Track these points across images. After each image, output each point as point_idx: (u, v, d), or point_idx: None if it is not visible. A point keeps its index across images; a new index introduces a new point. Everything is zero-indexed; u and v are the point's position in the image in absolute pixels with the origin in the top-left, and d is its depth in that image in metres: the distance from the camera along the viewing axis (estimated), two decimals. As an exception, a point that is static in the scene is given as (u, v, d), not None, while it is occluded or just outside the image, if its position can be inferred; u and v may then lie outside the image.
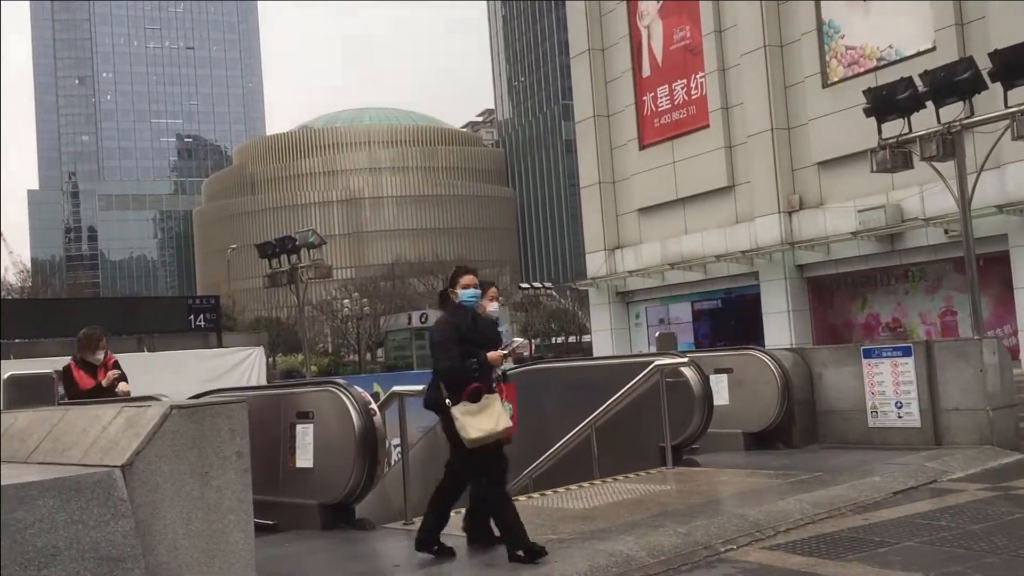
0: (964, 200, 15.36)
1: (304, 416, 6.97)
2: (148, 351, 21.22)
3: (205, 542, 3.75)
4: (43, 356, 17.42)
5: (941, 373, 9.09)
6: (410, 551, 5.82)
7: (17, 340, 21.41)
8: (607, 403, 8.78)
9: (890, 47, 22.42)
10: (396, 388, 7.05)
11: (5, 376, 7.19)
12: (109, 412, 3.94)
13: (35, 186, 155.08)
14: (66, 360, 8.58)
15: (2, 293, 59.31)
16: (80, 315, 22.99)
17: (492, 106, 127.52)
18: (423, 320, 53.79)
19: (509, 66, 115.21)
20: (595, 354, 29.04)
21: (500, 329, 6.04)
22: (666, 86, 27.78)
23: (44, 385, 7.26)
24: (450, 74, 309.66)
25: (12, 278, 68.80)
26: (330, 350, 60.35)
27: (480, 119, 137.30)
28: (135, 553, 3.45)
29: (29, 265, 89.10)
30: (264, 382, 20.76)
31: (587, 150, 30.62)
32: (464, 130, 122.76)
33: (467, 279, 5.64)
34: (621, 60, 29.24)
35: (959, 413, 9.00)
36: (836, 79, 23.47)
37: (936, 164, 15.65)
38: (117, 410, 3.92)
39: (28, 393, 6.92)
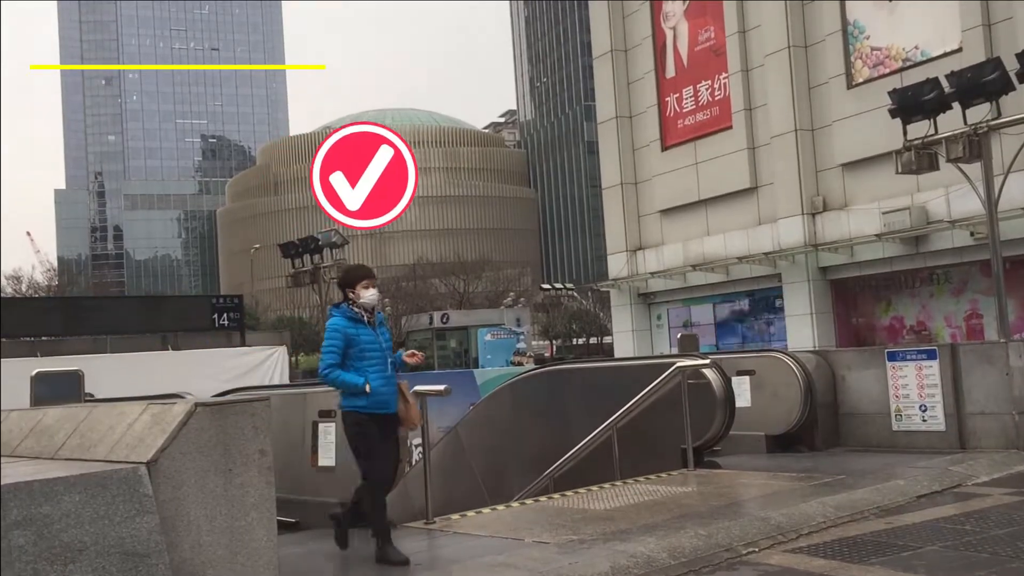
0: (990, 202, 15.21)
1: (326, 415, 7.00)
2: (172, 349, 21.42)
3: (228, 539, 3.78)
4: (69, 354, 17.62)
5: (966, 376, 9.01)
6: (432, 550, 5.84)
7: (44, 338, 21.69)
8: (628, 404, 8.75)
9: (916, 48, 22.21)
10: (418, 387, 7.01)
11: (33, 373, 7.29)
12: (135, 409, 3.99)
13: (62, 185, 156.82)
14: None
15: (30, 291, 59.93)
16: (105, 314, 23.31)
17: (514, 107, 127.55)
18: (444, 320, 53.87)
19: (531, 67, 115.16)
20: (616, 355, 28.95)
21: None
22: (691, 87, 27.66)
23: (71, 382, 7.35)
24: (472, 75, 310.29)
25: (39, 276, 69.63)
26: (352, 350, 60.45)
27: (502, 120, 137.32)
28: (159, 549, 3.49)
29: (56, 264, 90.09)
30: (286, 381, 20.89)
31: (609, 151, 30.52)
32: (486, 131, 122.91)
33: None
34: (644, 61, 29.15)
35: (984, 417, 8.91)
36: (861, 80, 23.27)
37: (962, 166, 15.50)
38: (143, 407, 3.96)
39: (55, 390, 7.01)
